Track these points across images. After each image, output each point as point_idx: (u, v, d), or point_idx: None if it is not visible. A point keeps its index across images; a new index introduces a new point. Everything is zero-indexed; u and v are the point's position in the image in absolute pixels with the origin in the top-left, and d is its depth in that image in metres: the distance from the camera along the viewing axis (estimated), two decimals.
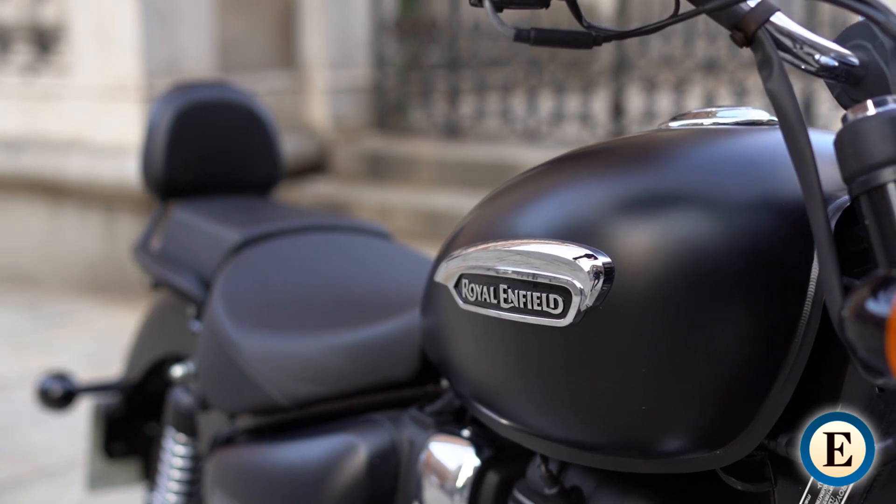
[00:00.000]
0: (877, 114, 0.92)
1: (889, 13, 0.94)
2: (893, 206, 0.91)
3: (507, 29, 1.04)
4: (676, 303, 1.05)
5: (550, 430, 1.21)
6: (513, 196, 1.22)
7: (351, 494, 1.50)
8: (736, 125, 1.18)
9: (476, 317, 1.20)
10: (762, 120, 1.19)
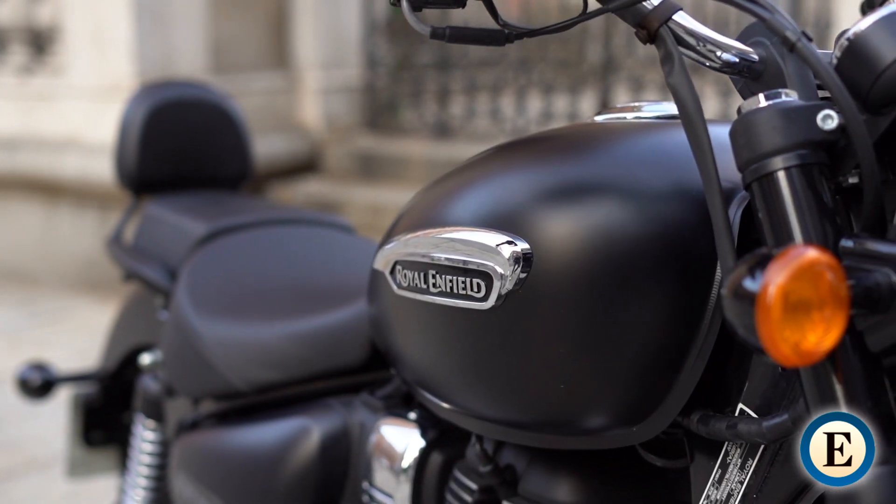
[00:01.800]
0: (768, 106, 0.98)
1: (775, 11, 1.00)
2: (782, 192, 0.96)
3: (423, 27, 1.10)
4: (591, 287, 1.11)
5: (481, 411, 1.27)
6: (446, 186, 1.29)
7: (304, 476, 1.57)
8: (657, 119, 1.24)
9: (409, 302, 1.27)
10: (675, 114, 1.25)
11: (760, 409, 1.07)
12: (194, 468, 1.75)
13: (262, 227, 1.97)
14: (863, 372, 0.93)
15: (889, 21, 0.95)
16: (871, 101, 0.96)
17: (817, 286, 0.86)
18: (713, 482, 1.12)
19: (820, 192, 0.96)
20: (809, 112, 0.96)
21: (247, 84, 5.90)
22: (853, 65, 0.96)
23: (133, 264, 2.06)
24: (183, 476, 1.76)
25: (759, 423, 1.04)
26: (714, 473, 1.12)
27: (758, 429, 1.04)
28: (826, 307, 0.86)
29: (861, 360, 0.93)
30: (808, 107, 0.97)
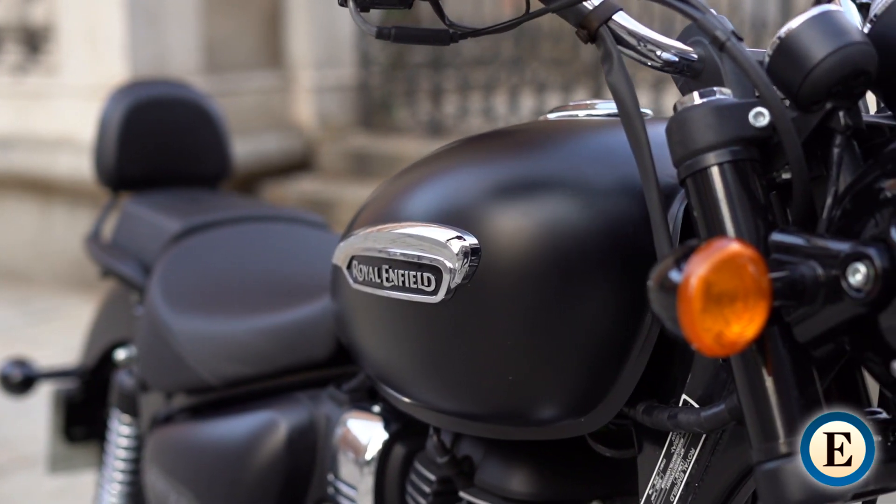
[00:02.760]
0: (702, 104, 1.00)
1: (707, 11, 1.02)
2: (714, 187, 0.99)
3: (369, 27, 1.13)
4: (537, 281, 1.13)
5: (437, 403, 1.30)
6: (401, 182, 1.31)
7: (271, 468, 1.59)
8: (608, 117, 1.26)
9: (365, 296, 1.29)
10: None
11: (702, 400, 1.09)
12: (166, 462, 1.77)
13: (235, 224, 1.99)
14: (791, 362, 0.96)
15: (819, 20, 0.97)
16: (801, 99, 0.98)
17: (739, 278, 0.88)
18: (658, 471, 1.14)
19: (752, 188, 0.99)
20: (741, 109, 0.99)
21: (240, 83, 5.93)
22: (784, 63, 0.98)
23: (109, 261, 2.08)
24: (155, 470, 1.79)
25: (698, 413, 1.07)
26: (659, 463, 1.15)
27: (696, 418, 1.07)
28: (748, 298, 0.89)
29: (789, 351, 0.96)
30: (740, 104, 0.99)
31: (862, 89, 0.98)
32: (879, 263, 0.89)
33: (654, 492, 1.14)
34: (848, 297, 0.91)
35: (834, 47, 0.96)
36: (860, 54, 0.96)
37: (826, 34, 0.97)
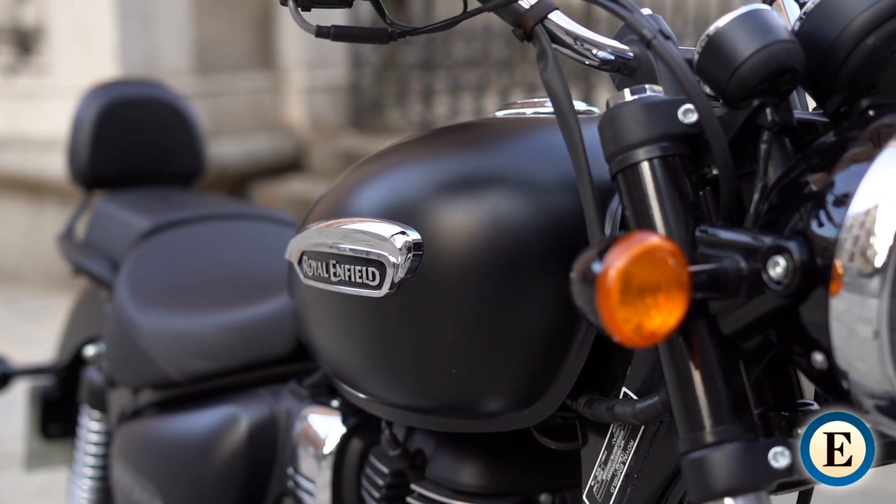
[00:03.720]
0: (633, 101, 1.02)
1: (635, 10, 1.04)
2: (644, 183, 1.00)
3: (308, 26, 1.15)
4: (479, 275, 1.15)
5: (386, 397, 1.31)
6: (352, 178, 1.33)
7: (232, 463, 1.61)
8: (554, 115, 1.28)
9: (315, 291, 1.31)
10: (580, 110, 1.29)
11: (641, 392, 1.11)
12: (131, 456, 1.80)
13: (204, 222, 2.01)
14: (716, 354, 0.97)
15: (746, 18, 0.99)
16: (728, 96, 1.00)
17: (658, 270, 0.90)
18: (600, 463, 1.16)
19: (680, 183, 1.00)
20: (671, 106, 1.00)
21: (231, 84, 5.95)
22: (712, 61, 1.00)
23: (79, 259, 2.11)
24: (121, 464, 1.81)
25: (634, 405, 1.08)
26: (601, 455, 1.16)
27: (631, 410, 1.08)
28: (667, 290, 0.90)
29: (714, 343, 0.97)
30: (669, 101, 1.01)
31: (789, 86, 1.00)
32: (798, 256, 0.91)
33: (596, 483, 1.16)
34: (769, 289, 0.93)
35: (760, 45, 0.97)
36: (786, 52, 0.98)
37: (752, 32, 0.98)
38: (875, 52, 0.99)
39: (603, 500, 1.15)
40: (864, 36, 0.99)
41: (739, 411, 0.97)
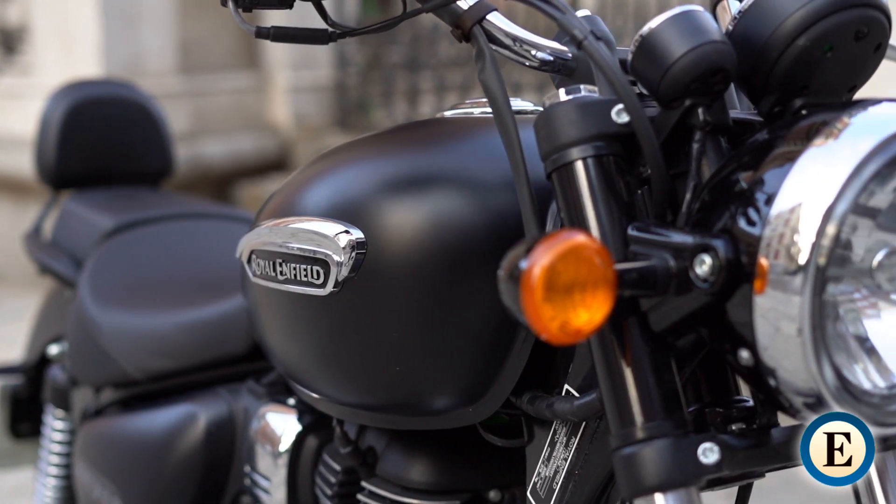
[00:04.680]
0: (567, 100, 1.02)
1: (567, 11, 1.04)
2: (578, 182, 1.01)
3: (248, 27, 1.16)
4: (421, 273, 1.16)
5: (336, 395, 1.32)
6: (301, 177, 1.34)
7: (190, 461, 1.62)
8: None
9: (263, 289, 1.32)
10: (527, 109, 1.30)
11: (582, 389, 1.12)
12: (92, 455, 1.80)
13: (167, 221, 2.02)
14: (647, 350, 0.98)
15: (678, 19, 1.00)
16: (661, 96, 1.00)
17: (584, 268, 0.90)
18: (543, 460, 1.17)
19: (614, 182, 1.01)
20: (604, 106, 1.01)
21: (216, 83, 5.95)
22: (645, 61, 1.01)
23: (44, 258, 2.12)
24: (82, 463, 1.82)
25: (572, 402, 1.09)
26: (544, 452, 1.17)
27: (570, 407, 1.09)
28: (593, 288, 0.91)
29: (645, 340, 0.98)
30: (603, 101, 1.02)
31: (720, 87, 1.01)
32: (724, 254, 0.92)
33: (540, 479, 1.17)
34: (696, 287, 0.93)
35: (691, 46, 0.98)
36: (716, 52, 0.98)
37: (684, 33, 0.99)
38: (806, 52, 1.00)
39: (546, 496, 1.16)
40: (796, 37, 1.00)
41: (670, 407, 0.97)
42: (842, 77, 1.04)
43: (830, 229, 0.89)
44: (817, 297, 0.89)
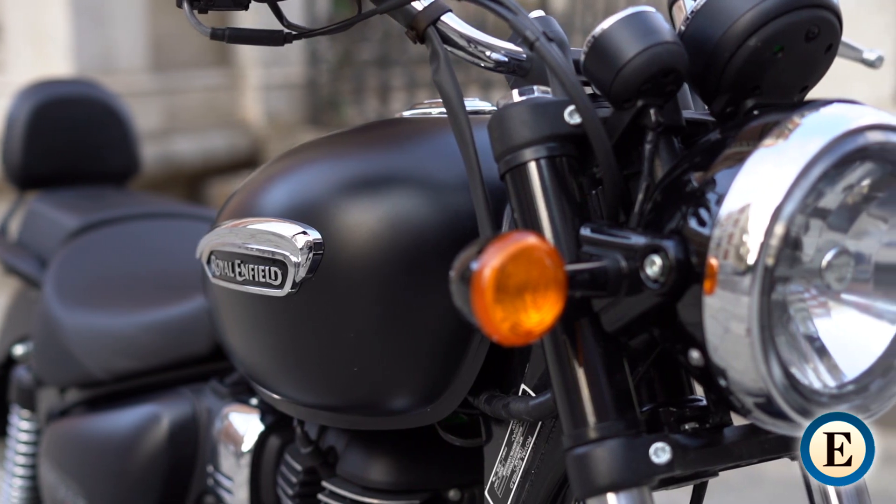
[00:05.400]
0: (520, 101, 1.03)
1: (519, 12, 1.04)
2: (531, 182, 1.02)
3: (203, 28, 1.16)
4: (378, 274, 1.16)
5: (296, 396, 1.32)
6: (260, 177, 1.34)
7: (154, 461, 1.62)
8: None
9: (223, 290, 1.32)
10: (485, 110, 1.30)
11: (538, 389, 1.13)
12: (57, 455, 1.80)
13: (132, 221, 2.02)
14: (600, 351, 0.99)
15: (630, 20, 1.00)
16: (613, 97, 1.01)
17: (535, 269, 0.90)
18: (500, 459, 1.18)
19: (567, 183, 1.01)
20: (557, 107, 1.01)
21: (188, 81, 5.93)
22: (597, 62, 1.01)
23: (9, 258, 2.11)
24: (47, 463, 1.82)
25: (527, 402, 1.10)
26: (501, 451, 1.18)
27: (525, 407, 1.10)
28: (544, 290, 0.91)
29: (597, 341, 0.99)
30: (556, 102, 1.02)
31: (672, 87, 1.01)
32: (674, 255, 0.92)
33: (497, 479, 1.18)
34: (647, 288, 0.94)
35: (642, 46, 0.99)
36: (668, 53, 0.99)
37: (636, 34, 0.99)
38: (757, 53, 1.01)
39: (503, 495, 1.17)
40: (747, 37, 1.01)
41: (622, 407, 0.98)
42: (793, 77, 1.05)
43: (778, 229, 0.89)
44: (766, 297, 0.90)
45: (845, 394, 0.97)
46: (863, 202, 0.99)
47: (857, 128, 0.93)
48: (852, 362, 0.98)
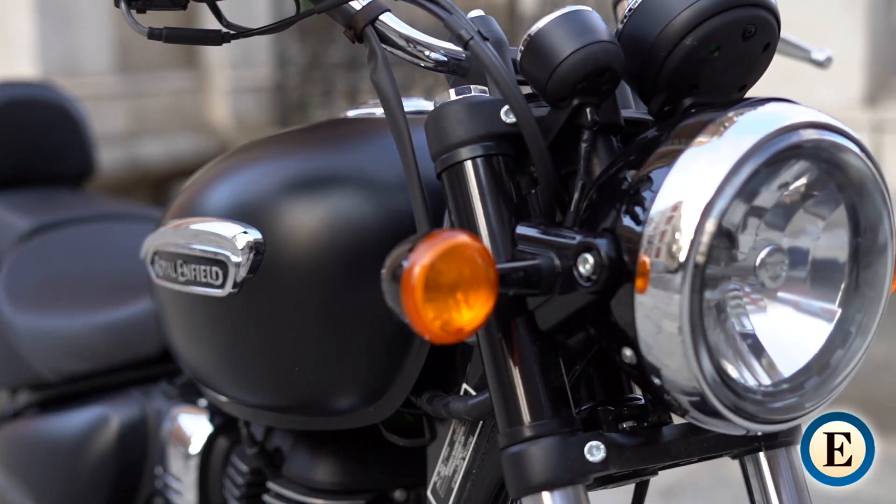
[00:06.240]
0: (456, 100, 1.03)
1: (454, 12, 1.04)
2: (467, 181, 1.01)
3: (140, 28, 1.15)
4: (319, 274, 1.16)
5: (241, 396, 1.32)
6: (204, 178, 1.34)
7: (103, 463, 1.61)
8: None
9: (165, 291, 1.32)
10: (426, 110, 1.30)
11: (478, 388, 1.12)
12: (7, 458, 1.79)
13: (85, 223, 2.01)
14: (535, 349, 0.98)
15: (566, 19, 1.00)
16: (549, 96, 1.01)
17: (466, 268, 0.90)
18: (443, 459, 1.17)
19: (503, 182, 1.01)
20: (494, 106, 1.01)
21: (155, 83, 5.91)
22: (533, 61, 1.01)
23: None
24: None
25: (466, 401, 1.09)
26: (443, 451, 1.17)
27: (464, 406, 1.10)
28: (475, 288, 0.91)
29: (532, 339, 0.98)
30: (492, 101, 1.02)
31: (609, 86, 1.01)
32: (605, 253, 0.92)
33: (439, 479, 1.17)
34: (580, 286, 0.94)
35: (578, 45, 0.98)
36: (603, 52, 0.99)
37: (571, 33, 0.99)
38: (694, 51, 1.01)
39: (445, 495, 1.16)
40: (683, 36, 1.00)
41: (557, 406, 0.98)
42: (731, 76, 1.05)
43: (709, 226, 0.89)
44: (697, 295, 0.90)
45: (780, 391, 0.97)
46: (800, 200, 0.99)
47: (791, 125, 0.93)
48: (788, 360, 0.98)
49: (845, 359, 0.99)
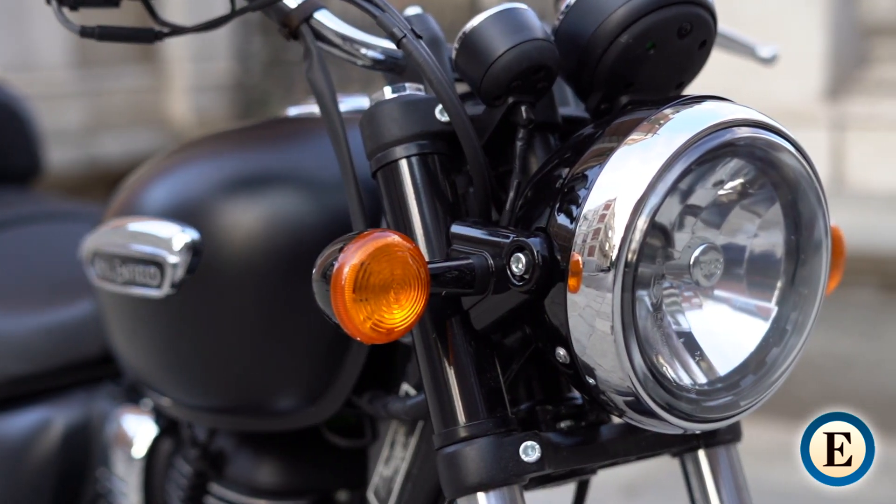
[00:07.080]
0: (391, 98, 1.02)
1: (387, 10, 1.03)
2: (402, 180, 1.00)
3: (72, 26, 1.13)
4: (258, 274, 1.15)
5: (181, 398, 1.31)
6: (143, 177, 1.32)
7: (46, 466, 1.59)
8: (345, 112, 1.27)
9: (105, 292, 1.30)
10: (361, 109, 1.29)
11: (418, 388, 1.12)
12: None
13: (28, 223, 1.98)
14: (469, 349, 0.98)
15: (500, 16, 0.99)
16: (483, 94, 1.00)
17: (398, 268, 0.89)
18: (384, 460, 1.17)
19: (438, 181, 1.00)
20: (428, 105, 1.01)
21: (114, 79, 5.86)
22: (468, 59, 1.00)
23: None
24: None
25: (405, 402, 1.09)
26: (384, 452, 1.17)
27: (403, 407, 1.09)
28: (407, 288, 0.90)
29: (467, 338, 0.98)
30: (427, 100, 1.01)
31: (544, 84, 1.00)
32: (538, 252, 0.92)
33: (380, 479, 1.17)
34: (513, 285, 0.93)
35: (511, 43, 0.98)
36: (537, 50, 0.98)
37: (505, 30, 0.98)
38: (629, 49, 1.00)
39: (385, 496, 1.16)
40: (618, 34, 1.00)
41: (493, 406, 0.97)
42: (667, 74, 1.04)
43: (641, 224, 0.89)
44: (629, 293, 0.90)
45: (715, 390, 0.97)
46: (736, 198, 0.99)
47: (724, 123, 0.93)
48: (724, 358, 0.98)
49: (781, 357, 0.98)
